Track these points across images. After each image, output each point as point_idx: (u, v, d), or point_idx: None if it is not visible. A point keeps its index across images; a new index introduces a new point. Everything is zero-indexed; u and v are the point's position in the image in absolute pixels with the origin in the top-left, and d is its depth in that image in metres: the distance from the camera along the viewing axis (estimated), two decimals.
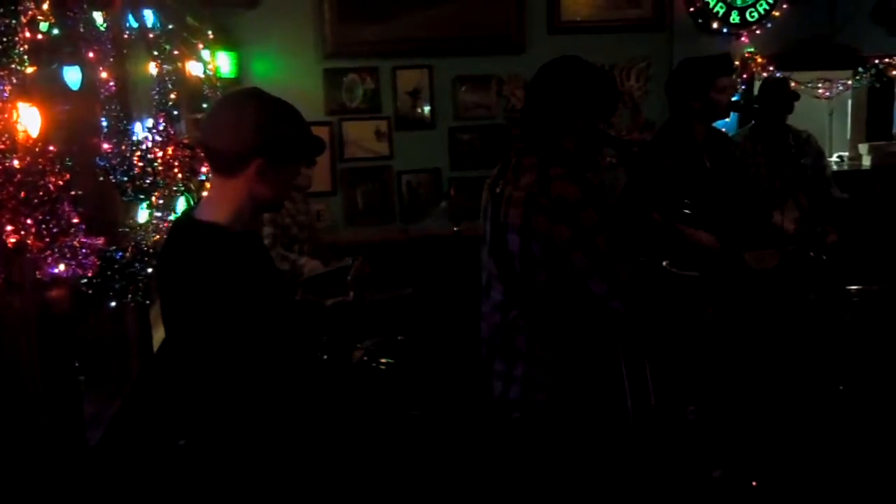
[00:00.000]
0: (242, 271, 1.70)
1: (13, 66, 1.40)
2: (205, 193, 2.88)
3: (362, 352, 3.37)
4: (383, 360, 3.48)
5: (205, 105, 3.68)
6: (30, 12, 1.55)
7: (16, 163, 1.42)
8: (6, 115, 1.38)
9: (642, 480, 2.28)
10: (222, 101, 1.87)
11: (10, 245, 1.45)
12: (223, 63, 4.52)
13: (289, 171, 1.80)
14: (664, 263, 3.08)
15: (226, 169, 1.74)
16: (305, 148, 1.81)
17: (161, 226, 2.42)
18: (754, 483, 3.10)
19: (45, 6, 1.61)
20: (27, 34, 1.51)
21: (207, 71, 3.90)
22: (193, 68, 3.53)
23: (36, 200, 1.47)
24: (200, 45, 3.83)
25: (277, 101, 1.77)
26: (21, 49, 1.43)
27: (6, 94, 1.37)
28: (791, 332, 3.76)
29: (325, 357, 3.08)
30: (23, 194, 1.44)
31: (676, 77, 3.66)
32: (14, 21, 1.41)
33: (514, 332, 2.14)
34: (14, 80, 1.41)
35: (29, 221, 1.47)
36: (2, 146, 1.37)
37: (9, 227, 1.44)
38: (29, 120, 1.46)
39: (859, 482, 3.15)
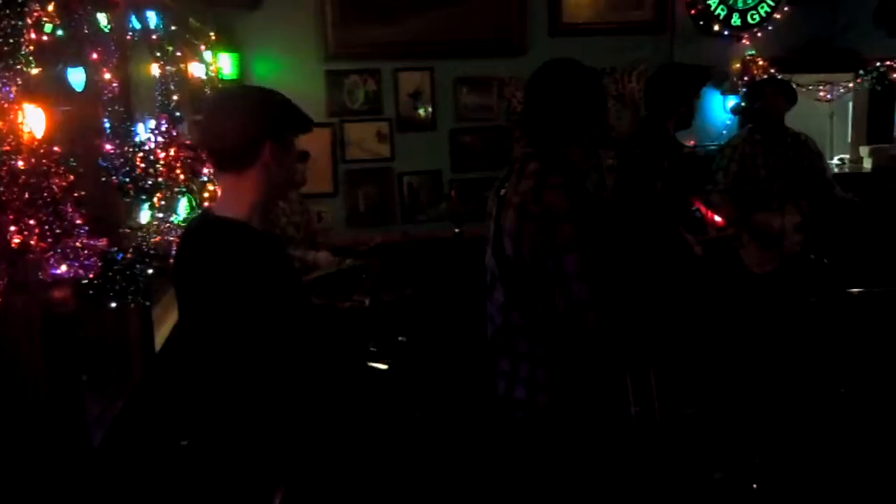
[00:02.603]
0: (265, 267, 1.72)
1: (19, 67, 1.40)
2: (210, 193, 2.90)
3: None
4: (384, 361, 3.49)
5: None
6: (35, 13, 1.55)
7: (20, 164, 1.42)
8: (12, 117, 1.38)
9: (644, 482, 2.28)
10: (216, 102, 1.93)
11: (13, 246, 1.44)
12: (225, 64, 4.53)
13: (291, 147, 1.87)
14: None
15: (240, 163, 1.78)
16: (299, 117, 1.87)
17: (163, 227, 2.42)
18: (755, 485, 3.10)
19: (51, 7, 1.61)
20: (32, 35, 1.51)
21: (209, 72, 3.91)
22: (195, 70, 3.54)
23: (40, 202, 1.47)
24: (202, 47, 3.83)
25: (259, 86, 1.91)
26: (26, 50, 1.43)
27: (12, 96, 1.37)
28: (792, 334, 3.77)
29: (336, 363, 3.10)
30: (27, 195, 1.44)
31: (670, 80, 3.61)
32: (20, 22, 1.41)
33: (515, 333, 2.14)
34: (19, 82, 1.41)
35: (32, 222, 1.47)
36: (7, 147, 1.37)
37: (12, 228, 1.44)
38: (34, 121, 1.46)
39: (860, 484, 3.15)
